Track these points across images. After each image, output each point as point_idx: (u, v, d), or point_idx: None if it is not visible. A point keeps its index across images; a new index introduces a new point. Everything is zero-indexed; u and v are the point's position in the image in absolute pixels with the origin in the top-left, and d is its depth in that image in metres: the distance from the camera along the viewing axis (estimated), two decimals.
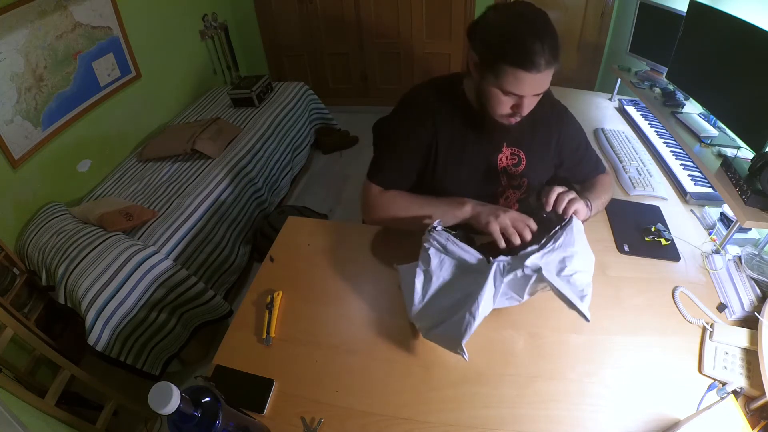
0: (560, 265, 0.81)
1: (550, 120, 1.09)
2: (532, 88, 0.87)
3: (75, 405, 1.52)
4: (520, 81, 0.85)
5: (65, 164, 2.09)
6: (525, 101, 0.89)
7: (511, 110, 0.93)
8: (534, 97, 0.90)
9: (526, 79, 0.84)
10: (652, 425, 0.76)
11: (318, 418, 0.79)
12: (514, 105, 0.91)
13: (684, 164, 1.45)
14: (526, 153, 1.09)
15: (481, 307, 0.78)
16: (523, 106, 0.90)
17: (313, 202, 2.65)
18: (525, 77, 0.84)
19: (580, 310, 0.77)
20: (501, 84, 0.87)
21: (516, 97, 0.89)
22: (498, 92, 0.90)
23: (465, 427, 0.77)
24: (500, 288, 0.82)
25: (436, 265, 0.87)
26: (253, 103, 2.73)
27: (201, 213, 1.93)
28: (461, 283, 0.85)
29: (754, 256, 1.05)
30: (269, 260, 1.12)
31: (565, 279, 0.80)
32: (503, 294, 0.83)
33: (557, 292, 0.78)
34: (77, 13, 2.07)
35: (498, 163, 1.08)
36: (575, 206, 0.90)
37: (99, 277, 1.52)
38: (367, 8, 3.12)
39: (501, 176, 1.10)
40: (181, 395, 0.53)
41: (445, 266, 0.87)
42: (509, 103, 0.91)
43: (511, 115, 0.94)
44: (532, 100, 0.91)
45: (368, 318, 0.97)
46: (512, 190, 1.12)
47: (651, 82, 1.78)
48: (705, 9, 1.43)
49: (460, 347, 0.77)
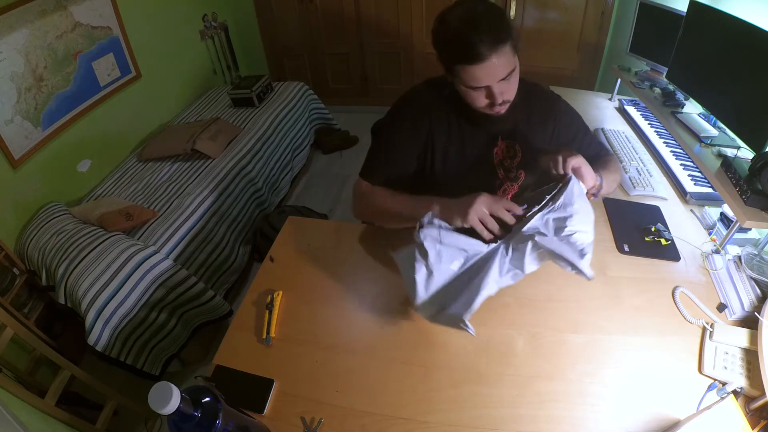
0: (558, 224, 0.79)
1: (545, 110, 1.09)
2: (489, 77, 0.87)
3: (75, 405, 1.52)
4: (474, 75, 0.86)
5: (65, 164, 2.09)
6: (494, 90, 0.89)
7: (487, 101, 0.92)
8: (502, 82, 0.89)
9: (478, 71, 0.85)
10: (652, 425, 0.76)
11: (318, 418, 0.79)
12: (487, 96, 0.91)
13: (684, 164, 1.45)
14: (521, 145, 1.09)
15: (487, 286, 0.78)
16: (495, 95, 0.90)
17: (313, 202, 2.65)
18: (476, 70, 0.85)
19: (580, 268, 0.75)
20: (463, 82, 0.90)
21: (483, 88, 0.90)
22: (467, 90, 0.92)
23: (465, 427, 0.77)
24: (504, 266, 0.81)
25: (434, 257, 0.85)
26: (253, 103, 2.73)
27: (201, 213, 1.93)
28: (463, 269, 0.85)
29: (754, 256, 1.05)
30: (269, 260, 1.12)
31: (564, 239, 0.78)
32: (507, 271, 0.82)
33: (555, 256, 0.77)
34: (77, 13, 2.07)
35: (494, 156, 1.09)
36: (573, 161, 0.86)
37: (99, 277, 1.52)
38: (367, 8, 3.12)
39: (498, 170, 1.11)
40: (181, 395, 0.53)
41: (444, 257, 0.85)
42: (481, 95, 0.92)
43: (492, 105, 0.93)
44: (503, 86, 0.90)
45: (368, 318, 0.97)
46: (510, 182, 1.13)
47: (651, 82, 1.78)
48: (705, 9, 1.43)
49: (462, 322, 0.77)
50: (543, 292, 0.99)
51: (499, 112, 0.96)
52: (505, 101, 0.93)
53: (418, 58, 3.27)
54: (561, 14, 2.80)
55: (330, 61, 3.46)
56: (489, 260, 0.81)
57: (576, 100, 2.04)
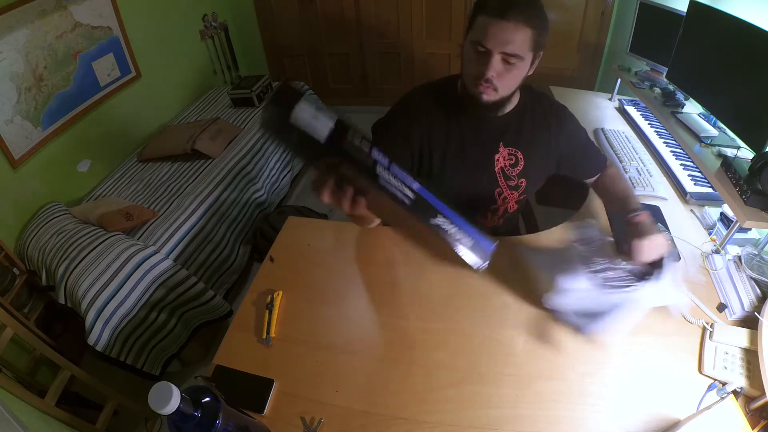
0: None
1: (549, 120, 1.08)
2: (497, 39, 0.86)
3: (75, 405, 1.52)
4: (486, 28, 0.86)
5: (65, 164, 2.09)
6: (492, 60, 0.88)
7: (478, 70, 0.91)
8: (503, 63, 0.89)
9: (490, 26, 0.86)
10: (652, 425, 0.76)
11: (318, 418, 0.79)
12: (482, 63, 0.90)
13: (684, 164, 1.45)
14: (524, 153, 1.08)
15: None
16: (489, 65, 0.88)
17: (313, 202, 2.64)
18: (489, 23, 0.86)
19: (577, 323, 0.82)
20: (473, 36, 0.89)
21: (484, 52, 0.88)
22: (470, 50, 0.91)
23: (465, 427, 0.77)
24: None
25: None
26: (253, 103, 2.73)
27: (201, 213, 1.93)
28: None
29: (754, 256, 1.05)
30: (269, 260, 1.12)
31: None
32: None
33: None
34: (77, 13, 2.07)
35: (495, 163, 1.08)
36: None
37: (99, 277, 1.52)
38: (367, 8, 3.12)
39: (498, 177, 1.09)
40: (181, 395, 0.53)
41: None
42: (478, 60, 0.90)
43: (479, 77, 0.91)
44: (500, 65, 0.89)
45: (368, 318, 0.97)
46: (510, 191, 1.11)
47: (651, 82, 1.78)
48: (705, 9, 1.43)
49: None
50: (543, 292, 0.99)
51: (482, 94, 0.94)
52: (492, 82, 0.91)
53: (418, 58, 3.27)
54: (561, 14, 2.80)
55: (330, 61, 3.46)
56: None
57: (576, 100, 2.04)
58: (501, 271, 1.04)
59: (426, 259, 1.08)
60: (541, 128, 1.08)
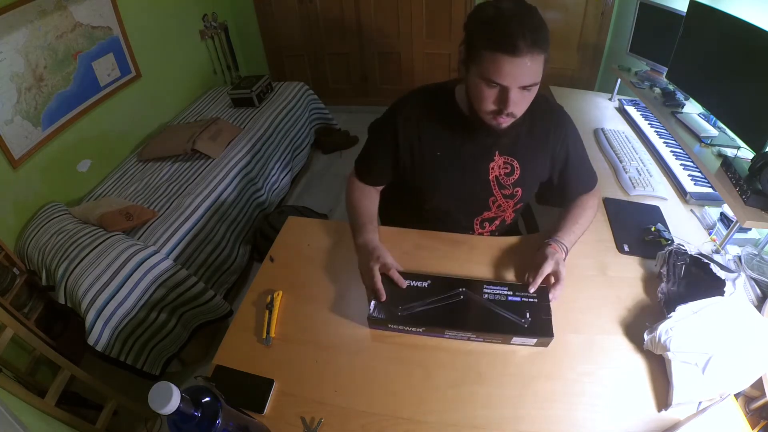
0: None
1: (549, 129, 1.04)
2: (513, 76, 0.81)
3: (75, 405, 1.52)
4: (500, 66, 0.80)
5: (65, 164, 2.09)
6: (510, 96, 0.83)
7: (496, 106, 0.87)
8: (521, 92, 0.84)
9: (505, 64, 0.79)
10: (652, 425, 0.76)
11: (318, 418, 0.79)
12: (499, 100, 0.86)
13: (684, 164, 1.45)
14: (520, 162, 1.05)
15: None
16: (509, 101, 0.84)
17: (313, 202, 2.65)
18: (504, 61, 0.79)
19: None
20: (483, 72, 0.83)
21: (499, 88, 0.84)
22: (481, 84, 0.85)
23: (465, 427, 0.77)
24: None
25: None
26: (253, 103, 2.73)
27: (201, 213, 1.93)
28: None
29: (754, 256, 1.05)
30: (269, 260, 1.12)
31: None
32: None
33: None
34: (77, 13, 2.07)
35: (489, 171, 1.06)
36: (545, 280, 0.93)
37: (99, 277, 1.52)
38: (367, 8, 3.12)
39: (492, 185, 1.07)
40: (181, 395, 0.53)
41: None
42: (493, 96, 0.86)
43: (497, 113, 0.87)
44: (519, 96, 0.85)
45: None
46: (505, 199, 1.09)
47: (651, 82, 1.78)
48: (705, 9, 1.43)
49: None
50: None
51: (500, 125, 0.90)
52: (512, 114, 0.88)
53: (418, 58, 3.27)
54: (561, 14, 2.80)
55: (330, 61, 3.46)
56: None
57: (576, 100, 2.04)
58: (501, 271, 1.04)
59: (426, 259, 1.08)
60: (541, 137, 1.04)
